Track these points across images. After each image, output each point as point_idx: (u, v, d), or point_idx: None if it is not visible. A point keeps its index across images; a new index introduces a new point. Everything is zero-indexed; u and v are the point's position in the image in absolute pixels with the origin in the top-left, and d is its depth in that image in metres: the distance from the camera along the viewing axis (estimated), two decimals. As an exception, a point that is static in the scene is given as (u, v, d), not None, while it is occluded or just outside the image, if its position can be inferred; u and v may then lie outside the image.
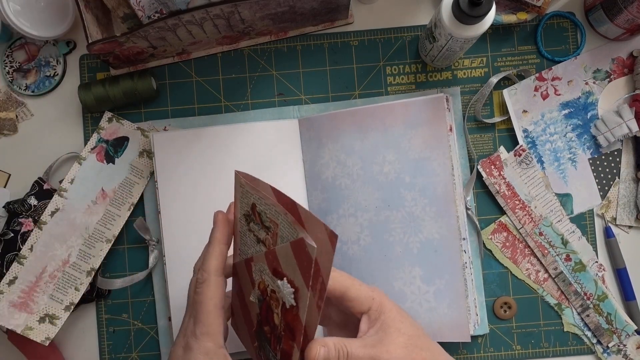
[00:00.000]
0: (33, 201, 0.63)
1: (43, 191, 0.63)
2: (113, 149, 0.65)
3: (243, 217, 0.51)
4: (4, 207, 0.63)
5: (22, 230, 0.62)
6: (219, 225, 0.51)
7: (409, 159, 0.62)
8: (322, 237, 0.44)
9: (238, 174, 0.50)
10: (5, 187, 0.66)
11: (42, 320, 0.61)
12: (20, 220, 0.62)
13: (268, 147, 0.64)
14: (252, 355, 0.55)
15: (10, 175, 0.66)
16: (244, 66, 0.67)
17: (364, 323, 0.49)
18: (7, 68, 0.66)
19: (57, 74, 0.66)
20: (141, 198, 0.65)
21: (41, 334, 0.61)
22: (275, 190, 0.48)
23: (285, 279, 0.47)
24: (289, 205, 0.47)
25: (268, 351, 0.52)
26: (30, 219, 0.62)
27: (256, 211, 0.49)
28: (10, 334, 0.63)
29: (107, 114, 0.65)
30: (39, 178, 0.64)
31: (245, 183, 0.49)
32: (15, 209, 0.63)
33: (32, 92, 0.66)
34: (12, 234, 0.62)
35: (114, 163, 0.65)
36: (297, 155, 0.64)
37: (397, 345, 0.48)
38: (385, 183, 0.62)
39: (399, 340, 0.48)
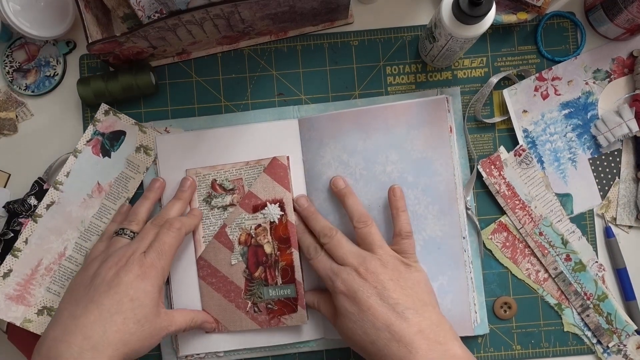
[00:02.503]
0: (33, 201, 0.63)
1: (43, 191, 0.63)
2: (109, 143, 0.64)
3: (203, 203, 0.63)
4: (4, 207, 0.63)
5: (22, 230, 0.62)
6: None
7: (412, 159, 0.62)
8: (281, 162, 0.62)
9: (189, 170, 0.63)
10: (5, 187, 0.66)
11: (40, 312, 0.62)
12: (20, 220, 0.62)
13: (268, 147, 0.64)
14: (247, 325, 0.62)
15: (10, 175, 0.66)
16: (244, 66, 0.67)
17: None
18: (7, 68, 0.66)
19: (57, 74, 0.66)
20: (141, 198, 0.65)
21: (41, 326, 0.61)
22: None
23: (267, 203, 0.62)
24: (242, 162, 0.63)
25: (266, 292, 0.62)
26: (30, 219, 0.62)
27: (216, 185, 0.63)
28: (10, 334, 0.63)
29: (104, 106, 0.64)
30: (39, 178, 0.64)
31: (200, 171, 0.63)
32: (15, 209, 0.63)
33: (32, 92, 0.66)
34: (12, 234, 0.62)
35: (110, 157, 0.64)
36: (297, 155, 0.64)
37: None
38: (388, 182, 0.62)
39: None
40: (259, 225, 0.62)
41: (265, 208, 0.62)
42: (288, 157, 0.63)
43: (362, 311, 0.53)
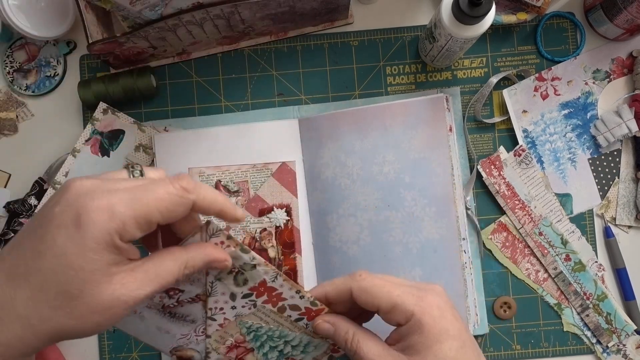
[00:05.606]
0: (33, 201, 0.63)
1: (43, 191, 0.63)
2: (108, 142, 0.64)
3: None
4: (4, 207, 0.64)
5: (22, 230, 0.62)
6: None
7: (409, 159, 0.62)
8: (290, 168, 0.63)
9: (192, 169, 0.61)
10: (5, 187, 0.66)
11: None
12: (20, 220, 0.62)
13: (268, 147, 0.64)
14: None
15: (10, 175, 0.66)
16: (244, 66, 0.67)
17: (395, 333, 0.43)
18: (7, 68, 0.66)
19: (58, 74, 0.66)
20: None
21: None
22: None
23: (274, 208, 0.63)
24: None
25: None
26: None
27: (221, 186, 0.63)
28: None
29: (102, 105, 0.64)
30: (39, 178, 0.64)
31: (204, 170, 0.62)
32: (15, 209, 0.63)
33: (33, 92, 0.66)
34: (13, 234, 0.62)
35: (109, 156, 0.64)
36: (297, 155, 0.64)
37: None
38: (385, 183, 0.62)
39: None
40: (264, 229, 0.63)
41: (272, 212, 0.63)
42: (295, 162, 0.63)
43: None
